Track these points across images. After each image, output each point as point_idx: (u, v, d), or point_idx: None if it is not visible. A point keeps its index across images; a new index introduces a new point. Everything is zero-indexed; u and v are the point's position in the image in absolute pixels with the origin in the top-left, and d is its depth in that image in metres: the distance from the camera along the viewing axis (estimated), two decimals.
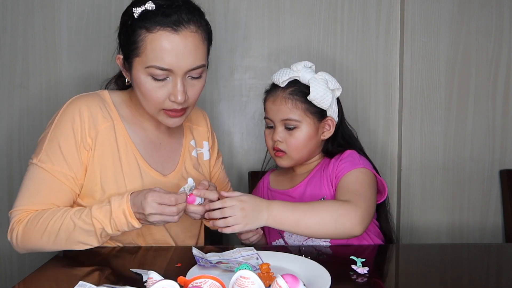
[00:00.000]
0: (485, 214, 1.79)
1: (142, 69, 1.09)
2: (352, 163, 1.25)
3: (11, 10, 1.68)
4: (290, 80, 1.30)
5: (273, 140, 1.30)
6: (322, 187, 1.29)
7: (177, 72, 1.08)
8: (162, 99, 1.11)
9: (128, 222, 1.04)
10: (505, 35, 1.75)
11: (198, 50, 1.10)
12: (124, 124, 1.20)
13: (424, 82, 1.75)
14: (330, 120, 1.32)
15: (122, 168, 1.15)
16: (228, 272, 0.95)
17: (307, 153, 1.32)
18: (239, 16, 1.74)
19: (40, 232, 1.07)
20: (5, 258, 1.73)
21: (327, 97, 1.27)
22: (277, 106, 1.29)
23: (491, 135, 1.77)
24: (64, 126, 1.13)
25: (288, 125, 1.28)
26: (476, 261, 1.16)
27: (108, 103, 1.20)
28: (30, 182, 1.12)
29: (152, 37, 1.06)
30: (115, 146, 1.16)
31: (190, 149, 1.32)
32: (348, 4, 1.75)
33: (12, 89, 1.70)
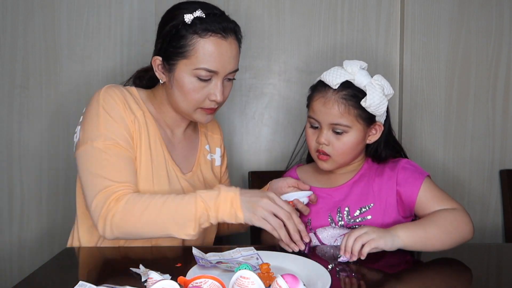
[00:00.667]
0: (485, 214, 1.79)
1: (189, 70, 1.17)
2: (419, 174, 1.24)
3: (11, 10, 1.68)
4: (343, 81, 1.23)
5: (319, 142, 1.24)
6: (370, 193, 1.25)
7: (220, 75, 1.18)
8: (203, 98, 1.19)
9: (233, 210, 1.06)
10: (505, 35, 1.75)
11: (237, 55, 1.22)
12: (152, 117, 1.25)
13: (424, 82, 1.75)
14: (378, 126, 1.27)
15: (151, 155, 1.20)
16: (228, 272, 0.96)
17: (352, 158, 1.28)
18: (239, 16, 1.74)
19: (140, 210, 1.06)
20: (5, 258, 1.73)
21: (383, 104, 1.23)
22: (328, 109, 1.22)
23: (491, 135, 1.77)
24: (110, 102, 1.17)
25: (337, 129, 1.22)
26: (476, 261, 1.16)
27: (137, 97, 1.25)
28: (102, 163, 1.11)
29: (204, 41, 1.15)
30: (147, 134, 1.21)
31: (205, 153, 1.38)
32: (348, 4, 1.75)
33: (12, 89, 1.70)
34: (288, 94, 1.77)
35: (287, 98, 1.78)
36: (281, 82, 1.77)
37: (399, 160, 1.28)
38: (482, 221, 1.79)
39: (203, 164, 1.35)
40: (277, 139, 1.79)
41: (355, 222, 1.24)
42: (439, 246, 1.12)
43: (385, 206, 1.23)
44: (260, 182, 1.67)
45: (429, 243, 1.11)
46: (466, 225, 1.15)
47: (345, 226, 1.24)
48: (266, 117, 1.78)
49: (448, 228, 1.13)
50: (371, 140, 1.29)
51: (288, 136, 1.78)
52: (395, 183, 1.24)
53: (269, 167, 1.78)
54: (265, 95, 1.77)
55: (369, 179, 1.27)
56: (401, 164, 1.26)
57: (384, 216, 1.23)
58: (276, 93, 1.78)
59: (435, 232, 1.11)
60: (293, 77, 1.77)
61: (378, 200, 1.24)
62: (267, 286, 0.85)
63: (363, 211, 1.24)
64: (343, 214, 1.25)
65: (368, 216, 1.23)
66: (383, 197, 1.24)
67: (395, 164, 1.27)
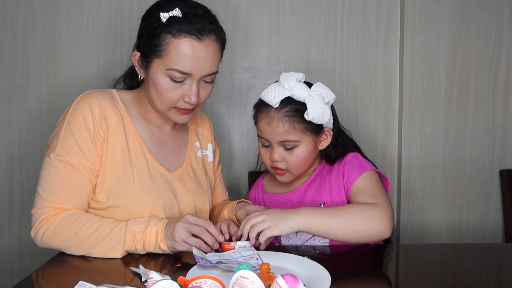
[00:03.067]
0: (485, 214, 1.79)
1: (162, 70, 1.15)
2: (360, 167, 1.25)
3: (11, 10, 1.68)
4: (283, 99, 1.23)
5: (272, 159, 1.27)
6: (322, 192, 1.28)
7: (194, 77, 1.15)
8: (176, 99, 1.17)
9: (157, 242, 1.08)
10: (505, 35, 1.75)
11: (215, 58, 1.17)
12: (132, 120, 1.24)
13: (424, 82, 1.75)
14: (327, 131, 1.30)
15: (131, 161, 1.19)
16: (228, 272, 0.95)
17: (308, 167, 1.32)
18: (239, 16, 1.74)
19: (71, 233, 1.09)
20: (5, 258, 1.73)
21: (326, 113, 1.23)
22: (273, 128, 1.23)
23: (491, 135, 1.77)
24: (77, 119, 1.16)
25: (287, 145, 1.25)
26: (476, 261, 1.16)
27: (117, 100, 1.24)
28: (49, 179, 1.14)
29: (177, 42, 1.12)
30: (125, 140, 1.20)
31: (195, 149, 1.36)
32: (348, 4, 1.75)
33: (12, 89, 1.70)
34: None
35: None
36: None
37: (346, 155, 1.30)
38: (482, 221, 1.79)
39: (193, 161, 1.34)
40: None
41: None
42: (339, 236, 1.11)
43: (336, 202, 1.26)
44: None
45: (330, 232, 1.10)
46: (378, 221, 1.12)
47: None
48: None
49: (354, 221, 1.11)
50: (323, 146, 1.31)
51: None
52: (341, 176, 1.26)
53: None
54: None
55: (322, 178, 1.30)
56: (347, 158, 1.29)
57: None
58: None
59: (338, 222, 1.10)
60: None
61: (329, 196, 1.27)
62: (267, 286, 0.85)
63: None
64: None
65: None
66: (334, 193, 1.26)
67: (342, 159, 1.30)
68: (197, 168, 1.34)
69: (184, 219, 1.08)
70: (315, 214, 1.10)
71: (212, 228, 1.08)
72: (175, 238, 1.06)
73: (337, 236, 1.11)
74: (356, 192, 1.22)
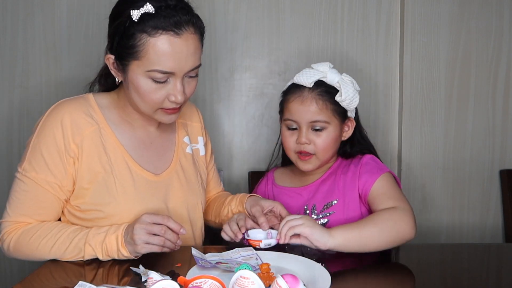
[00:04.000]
0: (485, 214, 1.79)
1: (142, 72, 1.07)
2: (378, 169, 1.26)
3: (11, 10, 1.68)
4: (316, 81, 1.27)
5: (299, 142, 1.27)
6: (335, 191, 1.28)
7: (178, 74, 1.08)
8: (161, 100, 1.10)
9: (118, 249, 1.03)
10: (505, 35, 1.75)
11: (197, 51, 1.10)
12: (110, 126, 1.18)
13: (424, 82, 1.75)
14: (350, 121, 1.32)
15: (112, 171, 1.14)
16: (228, 272, 0.95)
17: (332, 154, 1.32)
18: (239, 16, 1.74)
19: (31, 248, 1.08)
20: (5, 258, 1.72)
21: (356, 98, 1.27)
22: (307, 106, 1.25)
23: (491, 135, 1.77)
24: (46, 134, 1.11)
25: (316, 126, 1.26)
26: (476, 261, 1.16)
27: (93, 106, 1.18)
28: (15, 193, 1.13)
29: (154, 41, 1.04)
30: (102, 150, 1.15)
31: (184, 146, 1.30)
32: (348, 4, 1.75)
33: (12, 89, 1.70)
34: None
35: None
36: (281, 82, 1.77)
37: (363, 156, 1.31)
38: (482, 221, 1.79)
39: (182, 159, 1.28)
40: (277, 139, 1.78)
41: (320, 218, 1.28)
42: (375, 245, 1.09)
43: (348, 202, 1.26)
44: None
45: (364, 243, 1.08)
46: (406, 224, 1.12)
47: None
48: (266, 117, 1.78)
49: (384, 227, 1.10)
50: (345, 137, 1.33)
51: None
52: (357, 177, 1.27)
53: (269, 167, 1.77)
54: (265, 95, 1.77)
55: (336, 176, 1.30)
56: (364, 160, 1.29)
57: (347, 211, 1.26)
58: (276, 93, 1.77)
59: (371, 231, 1.09)
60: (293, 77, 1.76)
61: (342, 196, 1.27)
62: (267, 286, 0.85)
63: (328, 207, 1.28)
64: (310, 211, 1.30)
65: (331, 211, 1.27)
66: (347, 193, 1.27)
67: (359, 160, 1.30)
68: (187, 165, 1.28)
69: (141, 220, 1.02)
70: (346, 229, 1.09)
71: (171, 223, 1.03)
72: (136, 241, 1.01)
73: (372, 247, 1.09)
74: (376, 195, 1.22)
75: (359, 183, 1.26)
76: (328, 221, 1.27)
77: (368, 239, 1.08)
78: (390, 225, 1.10)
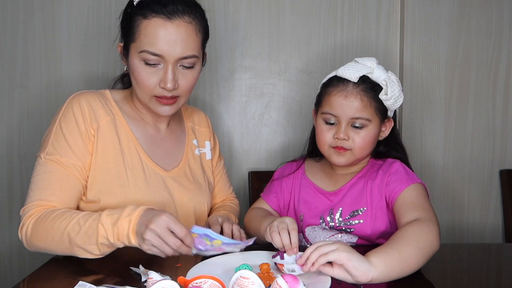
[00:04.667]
0: (485, 214, 1.79)
1: (136, 53, 1.13)
2: (407, 178, 1.19)
3: (11, 10, 1.68)
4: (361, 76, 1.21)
5: (337, 137, 1.21)
6: (363, 197, 1.23)
7: (168, 59, 1.11)
8: (153, 85, 1.14)
9: (128, 235, 0.98)
10: (505, 35, 1.75)
11: (190, 39, 1.13)
12: (125, 118, 1.23)
13: (424, 82, 1.75)
14: (389, 121, 1.27)
15: (124, 160, 1.18)
16: (228, 272, 0.96)
17: (368, 153, 1.27)
18: (239, 16, 1.74)
19: (47, 230, 1.05)
20: (5, 258, 1.73)
21: (401, 98, 1.23)
22: (350, 102, 1.19)
23: (491, 135, 1.77)
24: (68, 119, 1.16)
25: (356, 123, 1.20)
26: (476, 261, 1.16)
27: (109, 100, 1.23)
28: (39, 177, 1.12)
29: (147, 23, 1.11)
30: (117, 139, 1.19)
31: (193, 148, 1.34)
32: (348, 4, 1.75)
33: (12, 89, 1.70)
34: (288, 94, 1.77)
35: (287, 98, 1.78)
36: (281, 82, 1.77)
37: (393, 162, 1.25)
38: (482, 221, 1.79)
39: (191, 159, 1.31)
40: (277, 139, 1.79)
41: (345, 225, 1.23)
42: (415, 267, 0.97)
43: (376, 211, 1.21)
44: (260, 182, 1.67)
45: (405, 265, 0.96)
46: (435, 236, 1.02)
47: (334, 228, 1.24)
48: (266, 117, 1.78)
49: (419, 243, 0.99)
50: (382, 136, 1.28)
51: (288, 136, 1.78)
52: (384, 185, 1.21)
53: (269, 167, 1.77)
54: (265, 95, 1.77)
55: (366, 182, 1.25)
56: (394, 168, 1.23)
57: (375, 221, 1.21)
58: (276, 93, 1.78)
59: (409, 249, 0.97)
60: (293, 77, 1.77)
61: (370, 204, 1.22)
62: (267, 286, 0.85)
63: (355, 215, 1.23)
64: (335, 215, 1.24)
65: (359, 220, 1.22)
66: (375, 201, 1.22)
67: (389, 166, 1.24)
68: (195, 167, 1.32)
69: (160, 221, 0.95)
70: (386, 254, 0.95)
71: (188, 240, 0.96)
72: (145, 241, 0.95)
73: (413, 267, 0.97)
74: (402, 204, 1.14)
75: (386, 190, 1.20)
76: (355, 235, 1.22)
77: (408, 262, 0.96)
78: (424, 241, 1.00)
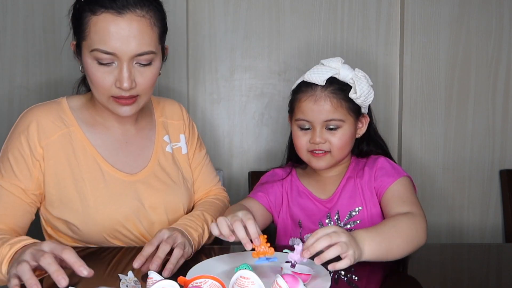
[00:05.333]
0: (485, 214, 1.79)
1: (88, 52, 1.06)
2: (394, 173, 1.21)
3: (11, 10, 1.68)
4: (328, 78, 1.22)
5: (314, 142, 1.21)
6: (357, 197, 1.24)
7: (121, 57, 1.05)
8: (109, 85, 1.07)
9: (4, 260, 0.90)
10: (505, 35, 1.75)
11: (144, 35, 1.06)
12: (82, 128, 1.18)
13: (424, 82, 1.75)
14: (364, 118, 1.28)
15: (81, 173, 1.14)
16: (228, 272, 0.96)
17: (347, 152, 1.27)
18: (239, 16, 1.74)
19: None
20: None
21: (371, 94, 1.22)
22: (320, 106, 1.20)
23: (491, 135, 1.77)
24: (14, 138, 1.13)
25: (330, 125, 1.21)
26: (476, 261, 1.16)
27: (64, 110, 1.18)
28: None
29: (96, 19, 1.04)
30: (72, 153, 1.14)
31: (164, 145, 1.27)
32: (348, 4, 1.75)
33: (12, 89, 1.70)
34: (288, 94, 1.76)
35: (287, 98, 1.76)
36: (281, 82, 1.77)
37: (377, 158, 1.27)
38: (482, 221, 1.79)
39: (161, 158, 1.24)
40: (277, 139, 1.79)
41: (345, 227, 1.23)
42: (397, 255, 1.03)
43: (371, 207, 1.22)
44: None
45: (390, 254, 1.02)
46: (423, 231, 1.08)
47: None
48: (266, 117, 1.78)
49: (408, 235, 1.04)
50: (360, 134, 1.28)
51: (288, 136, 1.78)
52: (372, 181, 1.23)
53: (269, 167, 1.77)
54: (265, 95, 1.77)
55: (355, 182, 1.26)
56: (379, 163, 1.25)
57: (372, 218, 1.22)
58: (276, 93, 1.78)
59: (398, 241, 1.03)
60: (293, 77, 1.76)
61: (364, 202, 1.23)
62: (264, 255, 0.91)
63: (353, 215, 1.23)
64: (333, 219, 1.25)
65: (357, 221, 1.23)
66: (367, 198, 1.23)
67: (374, 162, 1.26)
68: (166, 165, 1.24)
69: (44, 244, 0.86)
70: (377, 241, 1.00)
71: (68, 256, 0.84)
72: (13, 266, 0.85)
73: (396, 257, 1.03)
74: (389, 198, 1.17)
75: (375, 185, 1.22)
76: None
77: (394, 253, 1.02)
78: (412, 234, 1.05)
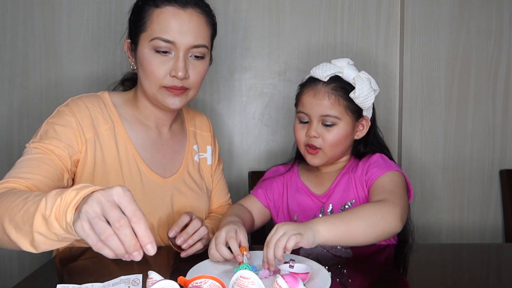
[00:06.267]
0: (485, 214, 1.79)
1: (147, 43, 1.13)
2: (385, 166, 1.23)
3: (11, 10, 1.68)
4: (332, 75, 1.26)
5: (308, 135, 1.26)
6: (350, 191, 1.26)
7: (179, 47, 1.12)
8: (163, 74, 1.13)
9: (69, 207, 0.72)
10: (505, 35, 1.75)
11: (201, 29, 1.15)
12: (124, 125, 1.21)
13: (424, 82, 1.75)
14: (365, 120, 1.30)
15: (122, 170, 1.17)
16: (228, 272, 0.96)
17: (341, 151, 1.29)
18: (239, 16, 1.74)
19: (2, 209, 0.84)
20: (5, 258, 1.73)
21: (371, 97, 1.26)
22: (319, 100, 1.24)
23: (491, 135, 1.77)
24: (64, 115, 1.14)
25: (326, 121, 1.24)
26: (476, 261, 1.16)
27: (108, 104, 1.21)
28: (19, 160, 1.07)
29: (159, 11, 1.12)
30: (115, 149, 1.17)
31: (193, 153, 1.33)
32: (348, 4, 1.75)
33: (12, 89, 1.70)
34: (288, 94, 1.77)
35: (287, 98, 1.77)
36: (281, 82, 1.77)
37: (373, 155, 1.29)
38: (482, 221, 1.79)
39: (190, 166, 1.31)
40: (277, 139, 1.79)
41: None
42: (362, 239, 1.04)
43: (364, 201, 1.24)
44: None
45: (352, 237, 1.02)
46: (392, 216, 1.06)
47: None
48: (266, 117, 1.78)
49: (372, 220, 1.04)
50: (359, 136, 1.31)
51: (288, 136, 1.78)
52: (364, 174, 1.25)
53: (269, 167, 1.77)
54: (265, 95, 1.77)
55: (349, 176, 1.29)
56: (374, 158, 1.27)
57: None
58: (276, 93, 1.78)
59: (358, 224, 1.02)
60: (293, 77, 1.77)
61: (357, 196, 1.25)
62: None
63: (346, 208, 1.25)
64: (327, 212, 1.28)
65: None
66: (360, 192, 1.25)
67: (368, 158, 1.28)
68: (194, 173, 1.31)
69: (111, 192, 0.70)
70: (333, 222, 1.01)
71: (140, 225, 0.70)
72: (80, 216, 0.69)
73: (360, 240, 1.04)
74: (374, 188, 1.19)
75: (365, 178, 1.24)
76: None
77: (355, 234, 1.02)
78: (377, 219, 1.04)
